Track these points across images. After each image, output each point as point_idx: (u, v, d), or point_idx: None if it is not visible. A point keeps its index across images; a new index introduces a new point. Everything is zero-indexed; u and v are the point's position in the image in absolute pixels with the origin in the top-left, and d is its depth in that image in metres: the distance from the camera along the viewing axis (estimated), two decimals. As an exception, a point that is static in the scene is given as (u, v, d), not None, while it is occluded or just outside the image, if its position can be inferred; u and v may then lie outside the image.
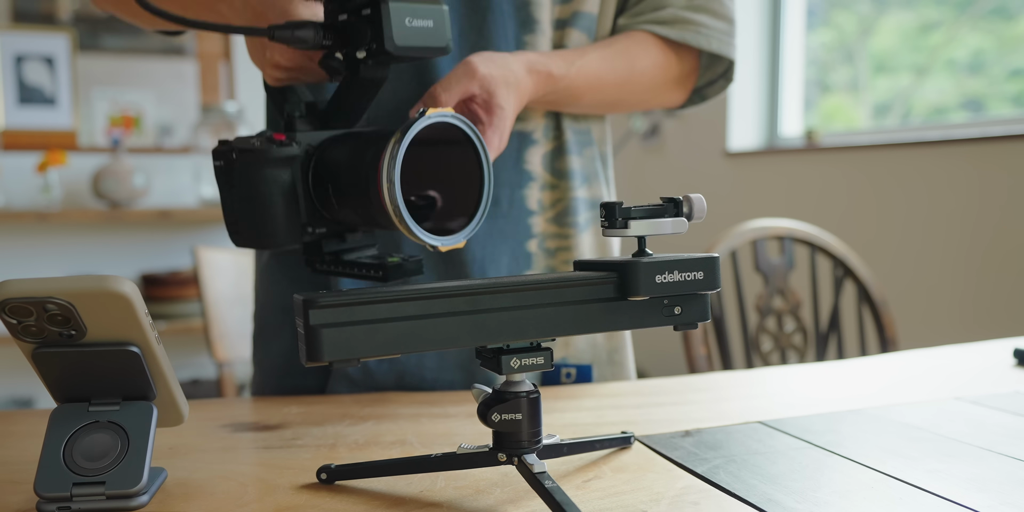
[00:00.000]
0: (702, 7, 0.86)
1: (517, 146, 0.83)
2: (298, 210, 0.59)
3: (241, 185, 0.59)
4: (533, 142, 0.83)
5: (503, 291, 0.47)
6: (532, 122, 0.83)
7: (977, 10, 2.44)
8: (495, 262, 0.83)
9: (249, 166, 0.58)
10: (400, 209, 0.54)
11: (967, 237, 2.15)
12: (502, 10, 0.80)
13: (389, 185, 0.53)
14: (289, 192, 0.59)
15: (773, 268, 1.54)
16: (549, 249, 0.85)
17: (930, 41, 2.58)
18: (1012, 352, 0.94)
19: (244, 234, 0.60)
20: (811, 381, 0.87)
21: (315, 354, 0.43)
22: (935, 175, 2.23)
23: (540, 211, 0.84)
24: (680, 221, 0.50)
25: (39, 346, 0.49)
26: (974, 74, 2.48)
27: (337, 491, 0.54)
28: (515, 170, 0.83)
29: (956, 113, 2.50)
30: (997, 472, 0.56)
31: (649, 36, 0.85)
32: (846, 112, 2.93)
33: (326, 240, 0.63)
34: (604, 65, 0.81)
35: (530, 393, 0.50)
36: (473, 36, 0.80)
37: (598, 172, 0.90)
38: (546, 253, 0.85)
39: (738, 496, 0.52)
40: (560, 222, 0.86)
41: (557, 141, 0.85)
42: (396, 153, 0.53)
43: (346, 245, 0.64)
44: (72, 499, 0.49)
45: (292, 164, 0.59)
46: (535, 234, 0.84)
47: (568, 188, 0.85)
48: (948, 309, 2.20)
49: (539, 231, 0.84)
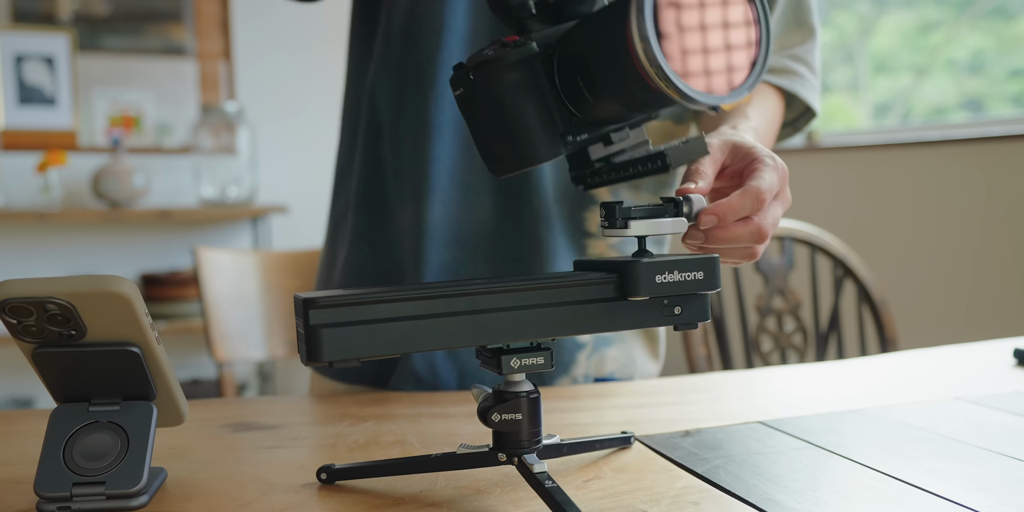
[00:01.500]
0: (801, 59, 0.87)
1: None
2: (552, 118, 0.52)
3: (485, 102, 0.53)
4: None
5: (503, 291, 0.47)
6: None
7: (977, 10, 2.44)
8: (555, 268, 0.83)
9: (488, 78, 0.52)
10: (663, 67, 0.44)
11: (967, 237, 2.15)
12: None
13: (644, 44, 0.44)
14: (537, 97, 0.52)
15: (773, 268, 1.54)
16: None
17: (930, 41, 2.58)
18: (1012, 352, 0.94)
19: (503, 159, 0.53)
20: (811, 381, 0.87)
21: (315, 354, 0.43)
22: (935, 175, 2.23)
23: (599, 235, 0.84)
24: (680, 221, 0.50)
25: (39, 346, 0.49)
26: (974, 74, 2.48)
27: (337, 491, 0.54)
28: (577, 191, 0.82)
29: (956, 113, 2.50)
30: (997, 472, 0.56)
31: (766, 85, 0.86)
32: (846, 112, 2.93)
33: (591, 147, 0.54)
34: (765, 125, 0.80)
35: (530, 393, 0.50)
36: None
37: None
38: None
39: (738, 496, 0.52)
40: (620, 250, 0.86)
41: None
42: (643, 5, 0.44)
43: (614, 148, 0.54)
44: (72, 499, 0.49)
45: (533, 65, 0.52)
46: (589, 256, 0.84)
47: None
48: (948, 309, 2.20)
49: (594, 253, 0.85)
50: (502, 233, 0.83)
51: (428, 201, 0.82)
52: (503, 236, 0.83)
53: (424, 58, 0.82)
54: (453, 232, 0.83)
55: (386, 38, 0.85)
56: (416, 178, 0.83)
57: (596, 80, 0.49)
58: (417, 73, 0.83)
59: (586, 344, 0.87)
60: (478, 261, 0.83)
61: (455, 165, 0.83)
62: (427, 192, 0.82)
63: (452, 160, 0.82)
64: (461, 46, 0.82)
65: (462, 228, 0.83)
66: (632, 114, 0.51)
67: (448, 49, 0.82)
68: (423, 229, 0.82)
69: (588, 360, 0.88)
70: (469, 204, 0.83)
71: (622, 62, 0.45)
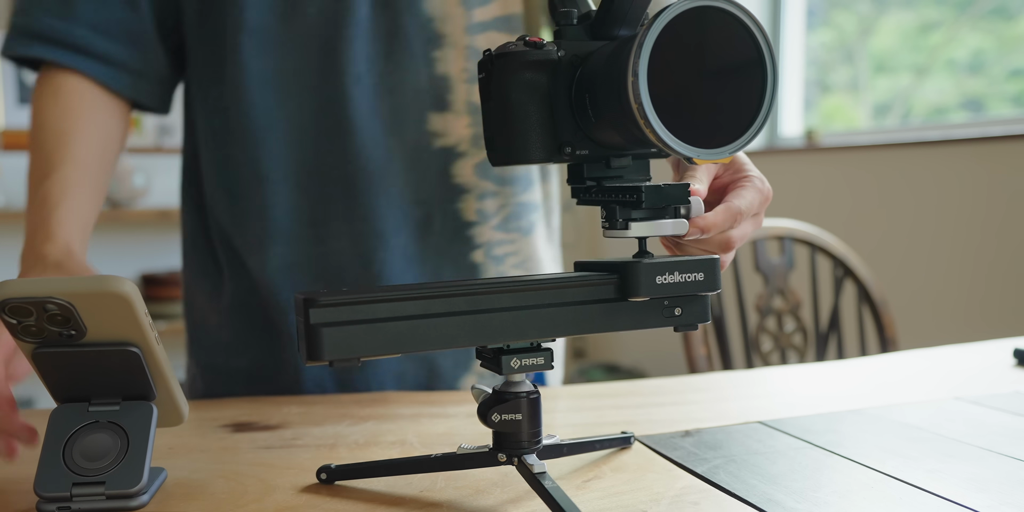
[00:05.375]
0: None
1: (443, 162, 0.82)
2: (555, 125, 0.53)
3: (497, 91, 0.53)
4: (459, 155, 0.82)
5: (504, 291, 0.47)
6: (454, 136, 0.82)
7: (977, 10, 2.44)
8: (438, 279, 0.83)
9: (504, 69, 0.53)
10: (644, 107, 0.44)
11: (967, 237, 2.15)
12: (408, 31, 0.80)
13: (634, 79, 0.44)
14: (544, 101, 0.53)
15: (773, 268, 1.54)
16: (497, 256, 0.85)
17: (930, 41, 2.58)
18: (1012, 352, 0.94)
19: (498, 148, 0.54)
20: (811, 381, 0.87)
21: (315, 353, 0.43)
22: (935, 175, 2.23)
23: (483, 220, 0.84)
24: (680, 222, 0.50)
25: (39, 346, 0.49)
26: (974, 74, 2.48)
27: (337, 491, 0.54)
28: (443, 186, 0.82)
29: (956, 113, 2.50)
30: (997, 472, 0.56)
31: None
32: (846, 112, 2.93)
33: (589, 164, 0.55)
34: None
35: (530, 393, 0.50)
36: (380, 63, 0.79)
37: (548, 172, 0.91)
38: (495, 260, 0.85)
39: (738, 496, 0.52)
40: (507, 228, 0.85)
41: None
42: (644, 41, 0.44)
43: (611, 172, 0.55)
44: (72, 499, 0.49)
45: (549, 70, 0.53)
46: (480, 244, 0.84)
47: (511, 194, 0.85)
48: (948, 309, 2.20)
49: (484, 240, 0.84)
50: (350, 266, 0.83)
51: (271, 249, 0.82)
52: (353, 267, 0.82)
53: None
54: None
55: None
56: (257, 230, 0.83)
57: (599, 101, 0.50)
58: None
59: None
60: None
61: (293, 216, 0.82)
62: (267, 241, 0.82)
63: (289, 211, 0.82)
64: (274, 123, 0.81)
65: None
66: (631, 146, 0.51)
67: (268, 144, 0.81)
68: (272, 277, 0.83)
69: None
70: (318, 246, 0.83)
71: (620, 92, 0.46)
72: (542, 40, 0.52)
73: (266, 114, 0.80)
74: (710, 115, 0.47)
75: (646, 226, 0.49)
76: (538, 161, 0.53)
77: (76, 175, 0.72)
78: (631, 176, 0.54)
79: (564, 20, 0.54)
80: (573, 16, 0.54)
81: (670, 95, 0.45)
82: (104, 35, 0.79)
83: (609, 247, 3.38)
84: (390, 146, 0.80)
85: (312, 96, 0.80)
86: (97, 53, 0.78)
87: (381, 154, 0.80)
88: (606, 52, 0.50)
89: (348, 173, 0.80)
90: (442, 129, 0.81)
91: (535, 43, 0.52)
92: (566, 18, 0.54)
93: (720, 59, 0.46)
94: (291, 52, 0.79)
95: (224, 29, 0.80)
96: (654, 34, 0.44)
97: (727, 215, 0.54)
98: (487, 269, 0.84)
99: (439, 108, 0.81)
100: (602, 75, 0.49)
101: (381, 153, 0.80)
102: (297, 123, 0.80)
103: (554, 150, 0.53)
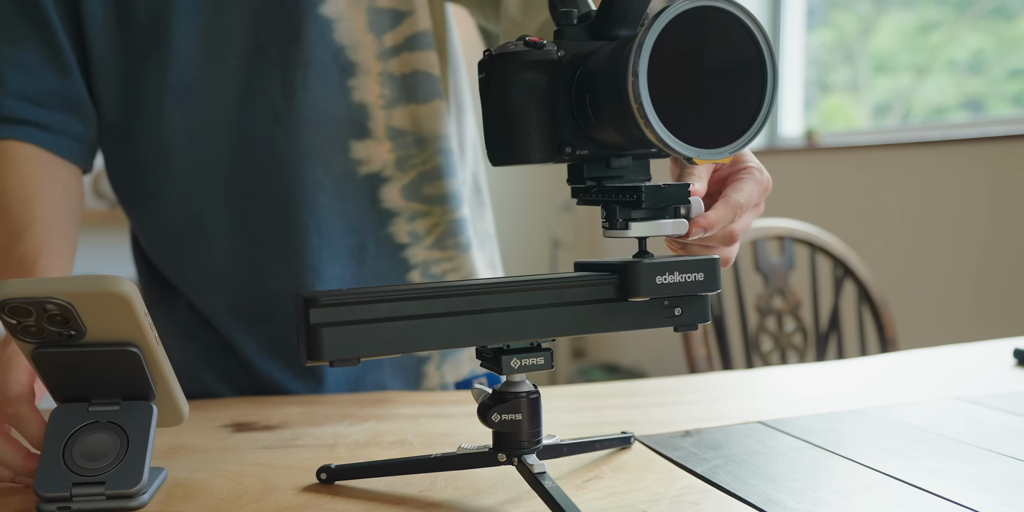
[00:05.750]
0: None
1: (368, 188, 0.82)
2: (554, 123, 0.53)
3: (497, 91, 0.53)
4: (384, 180, 0.82)
5: (504, 291, 0.47)
6: (378, 162, 0.82)
7: (977, 10, 2.44)
8: None
9: (502, 70, 0.53)
10: (644, 106, 0.44)
11: (967, 237, 2.15)
12: (321, 62, 0.80)
13: (634, 79, 0.44)
14: (544, 101, 0.53)
15: (773, 268, 1.54)
16: (435, 275, 0.85)
17: (930, 41, 2.58)
18: (1012, 352, 0.94)
19: (498, 149, 0.54)
20: (811, 381, 0.87)
21: (315, 353, 0.43)
22: (935, 175, 2.23)
23: (415, 241, 0.84)
24: (680, 222, 0.50)
25: (39, 346, 0.49)
26: (974, 74, 2.48)
27: (337, 491, 0.54)
28: (372, 212, 0.82)
29: (956, 113, 2.50)
30: (997, 472, 0.56)
31: None
32: (846, 112, 2.93)
33: (588, 164, 0.55)
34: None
35: (530, 393, 0.50)
36: (298, 97, 0.79)
37: (479, 189, 0.93)
38: (433, 279, 0.85)
39: (738, 496, 0.52)
40: (442, 246, 0.86)
41: (420, 169, 0.84)
42: (644, 41, 0.44)
43: (611, 172, 0.55)
44: (72, 499, 0.49)
45: (549, 70, 0.52)
46: (415, 264, 0.84)
47: (444, 212, 0.85)
48: (948, 309, 2.20)
49: (420, 260, 0.85)
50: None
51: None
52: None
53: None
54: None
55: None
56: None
57: (599, 101, 0.50)
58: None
59: (431, 355, 0.87)
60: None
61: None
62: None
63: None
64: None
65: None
66: (631, 146, 0.51)
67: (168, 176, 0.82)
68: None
69: (439, 370, 0.87)
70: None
71: (620, 92, 0.46)
72: (542, 40, 0.52)
73: (194, 167, 0.80)
74: (710, 115, 0.47)
75: (646, 226, 0.49)
76: (538, 161, 0.53)
77: (47, 234, 0.71)
78: (631, 176, 0.54)
79: (564, 20, 0.54)
80: (573, 16, 0.54)
81: (670, 95, 0.45)
82: (40, 106, 0.78)
83: (609, 247, 3.38)
84: (317, 178, 0.80)
85: (237, 141, 0.80)
86: (36, 123, 0.77)
87: (310, 187, 0.80)
88: (606, 52, 0.50)
89: (280, 211, 0.80)
90: (365, 156, 0.81)
91: (535, 43, 0.52)
92: (566, 18, 0.54)
93: (720, 59, 0.46)
94: (215, 102, 0.80)
95: (148, 88, 0.79)
96: (654, 34, 0.44)
97: (728, 210, 0.54)
98: None
99: (360, 136, 0.81)
100: (602, 75, 0.49)
101: (310, 186, 0.80)
102: (226, 170, 0.80)
103: (554, 150, 0.53)
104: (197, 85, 0.79)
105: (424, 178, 0.84)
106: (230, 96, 0.80)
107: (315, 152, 0.80)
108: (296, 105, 0.79)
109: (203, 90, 0.79)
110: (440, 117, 0.84)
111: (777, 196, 2.72)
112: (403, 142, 0.83)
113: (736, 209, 0.55)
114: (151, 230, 0.85)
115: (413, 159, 0.83)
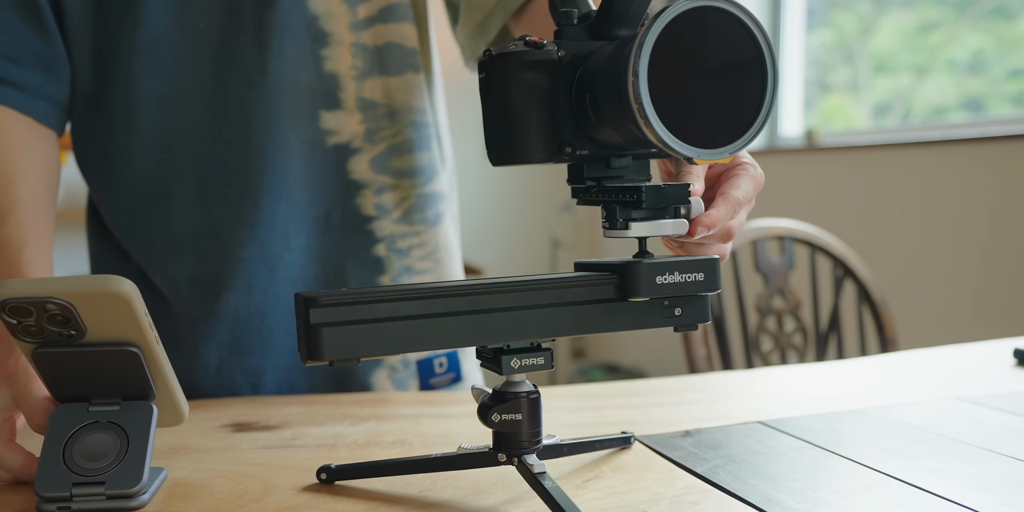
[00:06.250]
0: None
1: (336, 159, 0.82)
2: (554, 123, 0.53)
3: (497, 91, 0.54)
4: (353, 151, 0.82)
5: (504, 291, 0.47)
6: (347, 133, 0.82)
7: (977, 10, 2.44)
8: (342, 275, 0.83)
9: (503, 70, 0.53)
10: (644, 106, 0.44)
11: (967, 237, 2.15)
12: (296, 29, 0.80)
13: (634, 79, 0.44)
14: (544, 101, 0.53)
15: (773, 268, 1.54)
16: (401, 249, 0.85)
17: (930, 41, 2.58)
18: (1012, 352, 0.94)
19: (498, 149, 0.54)
20: (811, 381, 0.87)
21: (315, 353, 0.43)
22: (935, 175, 2.23)
23: (383, 214, 0.84)
24: (681, 223, 0.50)
25: (39, 346, 0.49)
26: (974, 74, 2.48)
27: (337, 491, 0.54)
28: (339, 183, 0.82)
29: (956, 113, 2.50)
30: (997, 472, 0.56)
31: None
32: (846, 112, 2.93)
33: (588, 164, 0.55)
34: None
35: (530, 393, 0.50)
36: (272, 63, 0.79)
37: (445, 164, 0.92)
38: (399, 254, 0.85)
39: (738, 496, 0.52)
40: (409, 220, 0.85)
41: (390, 141, 0.84)
42: (644, 41, 0.44)
43: (611, 172, 0.55)
44: (72, 499, 0.49)
45: (549, 70, 0.53)
46: (381, 238, 0.84)
47: (411, 186, 0.85)
48: (948, 309, 2.20)
49: (386, 234, 0.84)
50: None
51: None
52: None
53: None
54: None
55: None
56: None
57: (599, 101, 0.50)
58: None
59: None
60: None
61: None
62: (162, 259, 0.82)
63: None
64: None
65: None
66: (631, 146, 0.51)
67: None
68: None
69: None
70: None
71: (620, 92, 0.46)
72: (542, 40, 0.52)
73: (165, 133, 0.80)
74: (710, 115, 0.47)
75: (646, 226, 0.49)
76: (538, 161, 0.53)
77: (29, 217, 0.71)
78: (631, 176, 0.54)
79: (564, 20, 0.54)
80: (573, 16, 0.54)
81: (670, 95, 0.45)
82: (15, 63, 0.77)
83: (609, 247, 3.38)
84: (289, 146, 0.80)
85: (209, 107, 0.79)
86: (12, 82, 0.76)
87: (281, 155, 0.80)
88: (606, 52, 0.50)
89: (249, 178, 0.80)
90: (335, 127, 0.82)
91: (535, 43, 0.52)
92: (566, 18, 0.54)
93: (720, 59, 0.46)
94: (184, 66, 0.79)
95: (118, 51, 0.79)
96: (654, 34, 0.44)
97: (727, 207, 0.54)
98: (391, 263, 0.85)
99: (330, 106, 0.81)
100: (602, 75, 0.49)
101: (281, 154, 0.80)
102: (197, 136, 0.80)
103: (554, 150, 0.53)
104: (167, 50, 0.79)
105: (394, 151, 0.84)
106: (202, 60, 0.79)
107: (287, 119, 0.80)
108: (271, 70, 0.79)
109: (173, 55, 0.79)
110: (413, 90, 0.84)
111: (777, 196, 2.73)
112: (373, 114, 0.83)
113: (735, 205, 0.55)
114: (113, 196, 0.83)
115: (383, 131, 0.83)
